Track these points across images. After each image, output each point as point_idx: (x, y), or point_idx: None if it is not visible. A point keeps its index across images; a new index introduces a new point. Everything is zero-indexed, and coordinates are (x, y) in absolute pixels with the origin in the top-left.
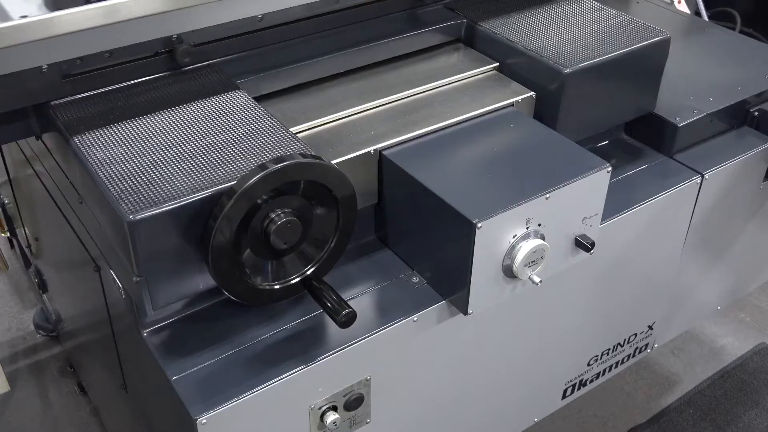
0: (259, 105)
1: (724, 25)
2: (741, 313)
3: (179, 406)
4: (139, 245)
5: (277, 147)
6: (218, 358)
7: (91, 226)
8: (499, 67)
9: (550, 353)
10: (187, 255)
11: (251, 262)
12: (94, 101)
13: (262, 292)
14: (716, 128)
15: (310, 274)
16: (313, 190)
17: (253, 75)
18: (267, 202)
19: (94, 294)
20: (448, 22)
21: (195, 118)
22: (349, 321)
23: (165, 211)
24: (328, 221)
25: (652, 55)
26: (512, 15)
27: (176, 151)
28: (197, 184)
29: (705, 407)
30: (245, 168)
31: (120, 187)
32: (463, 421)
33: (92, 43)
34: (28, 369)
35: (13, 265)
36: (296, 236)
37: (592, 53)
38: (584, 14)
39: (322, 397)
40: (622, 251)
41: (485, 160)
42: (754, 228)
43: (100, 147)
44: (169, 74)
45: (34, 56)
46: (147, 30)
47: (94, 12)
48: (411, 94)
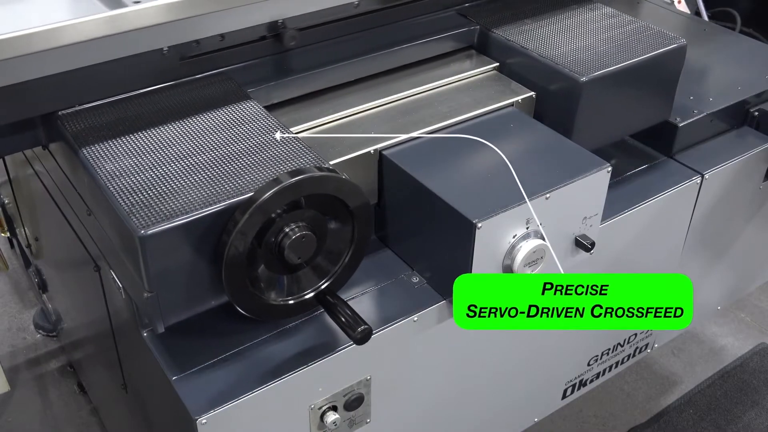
0: (270, 115)
1: (724, 25)
2: (741, 313)
3: (179, 406)
4: (151, 260)
5: (290, 158)
6: (218, 358)
7: (100, 239)
8: (499, 68)
9: (551, 353)
10: (199, 270)
11: (264, 276)
12: (102, 111)
13: (275, 308)
14: (716, 128)
15: (324, 289)
16: (328, 203)
17: (265, 84)
18: (281, 216)
19: (94, 294)
20: (460, 28)
21: (206, 129)
22: (365, 338)
23: (177, 226)
24: (342, 235)
25: (668, 63)
26: (526, 22)
27: (187, 163)
28: (209, 197)
29: (705, 407)
30: (258, 180)
31: (131, 200)
32: (463, 421)
33: None
34: (28, 369)
35: (13, 265)
36: (311, 250)
37: (608, 61)
38: (599, 21)
39: (322, 397)
40: (622, 251)
41: (485, 160)
42: (754, 228)
43: (109, 158)
44: (177, 83)
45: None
46: None
47: None
48: (411, 94)
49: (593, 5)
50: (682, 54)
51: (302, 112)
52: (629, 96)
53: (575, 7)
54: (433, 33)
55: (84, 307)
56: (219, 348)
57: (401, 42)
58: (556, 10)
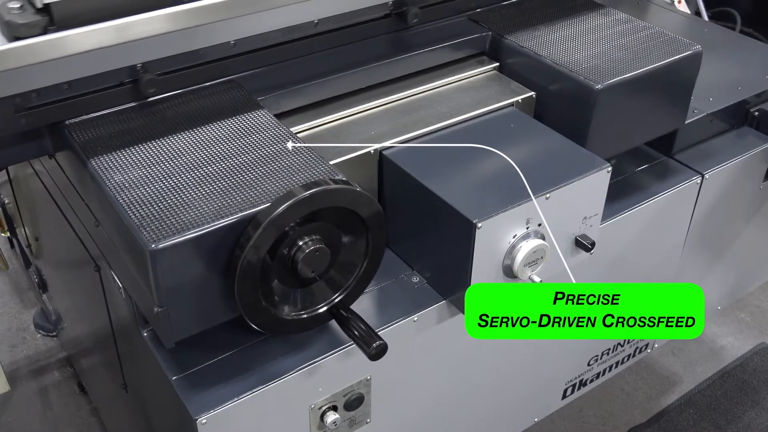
0: (281, 124)
1: (724, 25)
2: (741, 313)
3: (179, 406)
4: (161, 275)
5: (303, 169)
6: (218, 357)
7: (109, 251)
8: (499, 68)
9: (551, 353)
10: (211, 284)
11: (277, 290)
12: (110, 120)
13: (288, 322)
14: (716, 128)
15: (337, 302)
16: (342, 214)
17: (275, 91)
18: (294, 229)
19: (94, 294)
20: (472, 35)
21: (216, 138)
22: (380, 353)
23: (189, 239)
24: (356, 247)
25: (684, 70)
26: (539, 27)
27: (198, 174)
28: (221, 209)
29: (705, 407)
30: (270, 191)
31: (141, 213)
32: (463, 421)
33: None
34: (28, 369)
35: (13, 265)
36: (324, 264)
37: (623, 68)
38: (612, 26)
39: (322, 397)
40: (622, 251)
41: (485, 160)
42: (754, 228)
43: (118, 170)
44: (187, 91)
45: None
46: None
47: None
48: (411, 93)
49: (606, 10)
50: (698, 60)
51: (302, 111)
52: (644, 104)
53: (587, 12)
54: (444, 39)
55: (84, 307)
56: (219, 348)
57: (413, 48)
58: (568, 16)
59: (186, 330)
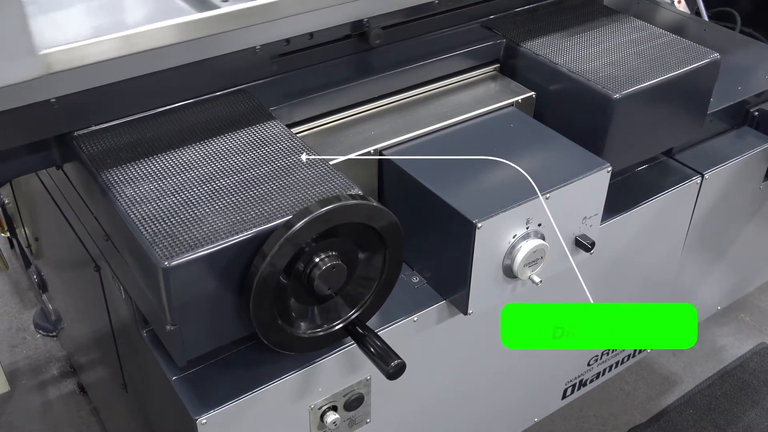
0: (294, 135)
1: (724, 25)
2: (741, 313)
3: (179, 406)
4: (174, 292)
5: (318, 182)
6: (218, 358)
7: (119, 267)
8: (500, 69)
9: (550, 353)
10: (224, 302)
11: (292, 308)
12: (119, 131)
13: (304, 341)
14: (716, 128)
15: (353, 319)
16: (359, 230)
17: (287, 101)
18: (310, 245)
19: (94, 294)
20: (485, 42)
21: (228, 150)
22: (399, 372)
23: (202, 256)
24: (373, 262)
25: (701, 78)
26: (554, 35)
27: (211, 188)
28: (235, 224)
29: (705, 407)
30: (285, 206)
31: (153, 229)
32: (463, 421)
33: None
34: (28, 368)
35: (13, 265)
36: (341, 280)
37: (641, 77)
38: (629, 34)
39: (322, 397)
40: (623, 251)
41: (485, 161)
42: (754, 228)
43: (129, 183)
44: (197, 101)
45: None
46: None
47: None
48: (411, 94)
49: (622, 17)
50: (716, 68)
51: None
52: (661, 113)
53: (603, 19)
54: (458, 47)
55: (84, 307)
56: (219, 348)
57: (426, 57)
58: (583, 23)
59: (199, 348)
